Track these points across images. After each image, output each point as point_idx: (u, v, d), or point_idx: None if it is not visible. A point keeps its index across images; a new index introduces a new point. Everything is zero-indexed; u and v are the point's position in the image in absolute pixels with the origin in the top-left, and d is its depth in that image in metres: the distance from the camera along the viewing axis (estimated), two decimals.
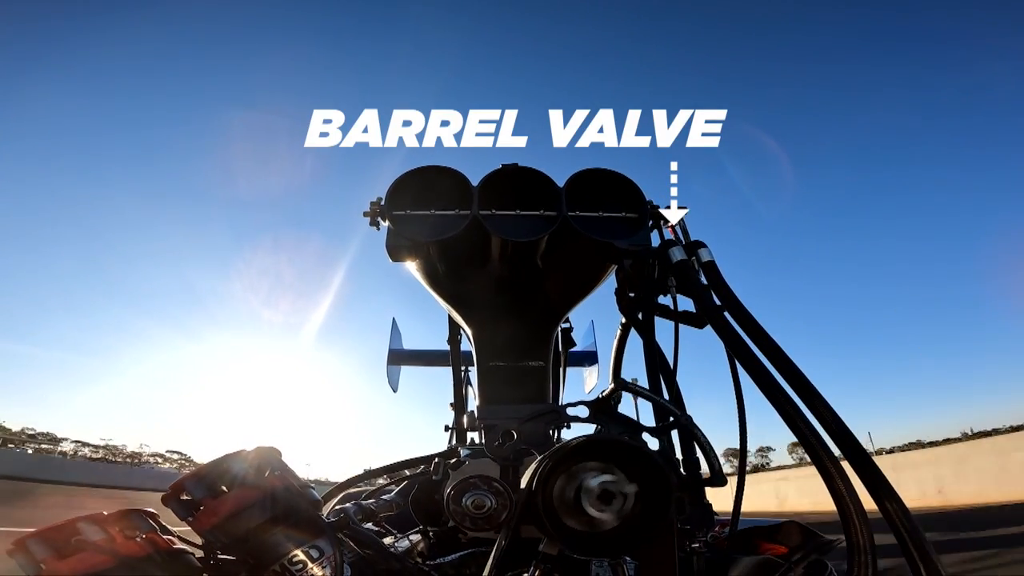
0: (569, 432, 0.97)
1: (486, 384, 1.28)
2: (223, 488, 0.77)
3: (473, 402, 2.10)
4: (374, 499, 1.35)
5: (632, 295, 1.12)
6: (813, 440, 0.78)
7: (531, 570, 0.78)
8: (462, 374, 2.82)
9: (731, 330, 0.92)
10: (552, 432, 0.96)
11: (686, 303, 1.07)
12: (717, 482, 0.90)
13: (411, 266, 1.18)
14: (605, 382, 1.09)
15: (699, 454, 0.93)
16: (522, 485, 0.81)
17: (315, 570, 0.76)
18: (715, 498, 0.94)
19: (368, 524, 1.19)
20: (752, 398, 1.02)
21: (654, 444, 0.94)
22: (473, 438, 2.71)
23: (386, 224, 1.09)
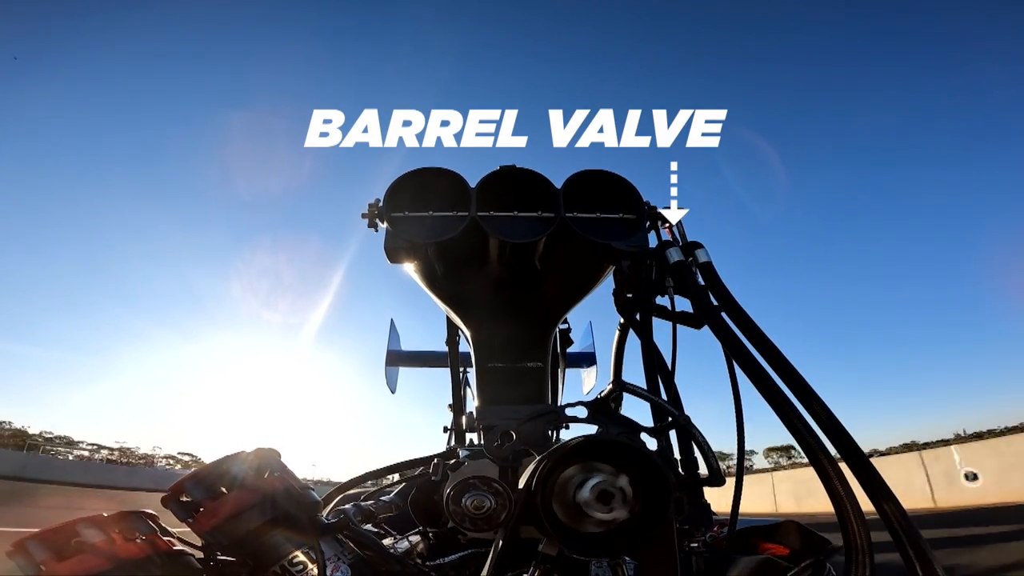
0: (568, 433, 0.98)
1: (485, 385, 1.28)
2: (223, 489, 0.77)
3: (472, 403, 2.11)
4: (373, 500, 1.35)
5: (630, 296, 1.13)
6: (811, 440, 0.78)
7: (531, 570, 0.78)
8: (461, 375, 2.82)
9: (728, 331, 0.92)
10: (551, 433, 0.96)
11: (684, 304, 1.08)
12: (715, 482, 0.90)
13: (409, 267, 1.18)
14: (603, 383, 1.10)
15: (697, 454, 0.93)
16: (521, 485, 0.82)
17: (315, 571, 0.76)
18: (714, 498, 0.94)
19: (368, 525, 1.19)
20: (750, 399, 1.03)
21: (653, 444, 0.94)
22: (472, 439, 2.71)
23: (384, 226, 1.10)
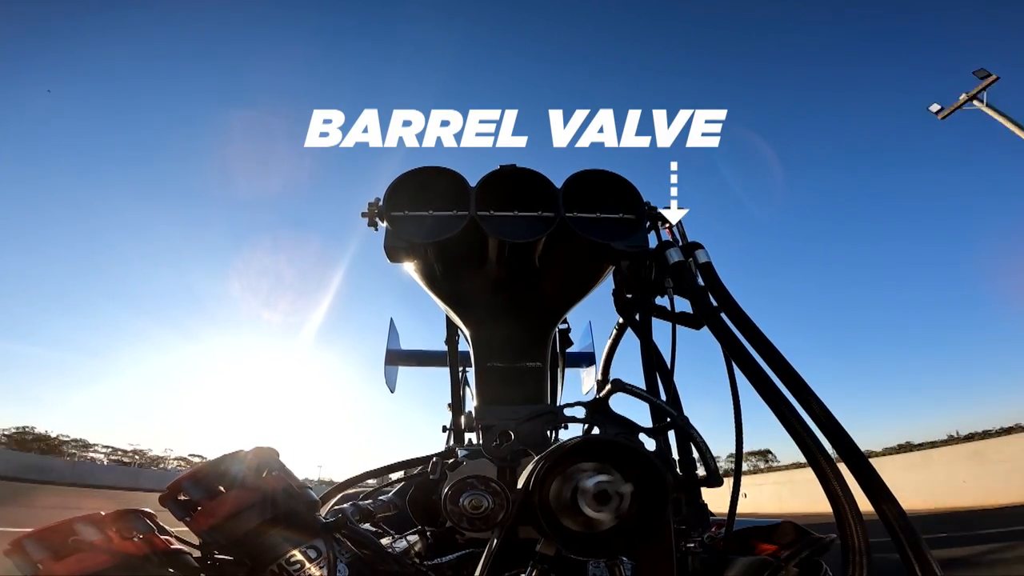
0: (567, 433, 0.98)
1: (484, 385, 1.28)
2: (221, 489, 0.76)
3: (471, 403, 2.10)
4: (372, 499, 1.35)
5: (629, 296, 1.13)
6: (809, 441, 0.79)
7: (528, 570, 0.78)
8: (460, 375, 2.82)
9: (728, 331, 0.92)
10: (550, 433, 0.96)
11: (683, 304, 1.08)
12: (713, 482, 0.90)
13: (409, 267, 1.18)
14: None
15: (695, 454, 0.93)
16: (519, 485, 0.82)
17: (313, 570, 0.76)
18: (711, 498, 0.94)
19: (366, 524, 1.19)
20: (749, 399, 1.03)
21: (651, 445, 0.94)
22: (471, 439, 2.71)
23: (384, 225, 1.10)
